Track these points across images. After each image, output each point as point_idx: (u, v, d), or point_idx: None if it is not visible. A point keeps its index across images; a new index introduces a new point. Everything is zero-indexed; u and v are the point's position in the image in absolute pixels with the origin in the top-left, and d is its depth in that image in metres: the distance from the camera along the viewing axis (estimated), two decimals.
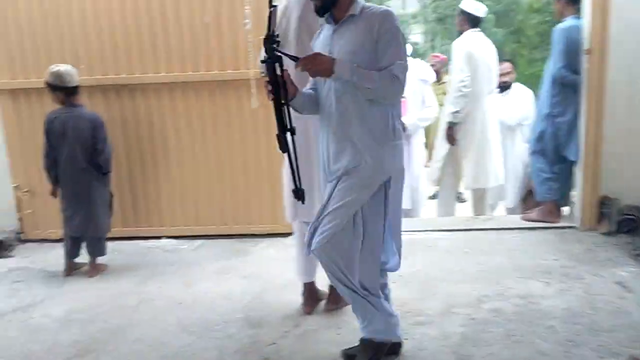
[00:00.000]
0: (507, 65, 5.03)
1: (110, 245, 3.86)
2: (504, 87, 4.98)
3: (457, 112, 4.45)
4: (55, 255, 3.91)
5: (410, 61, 3.61)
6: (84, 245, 3.76)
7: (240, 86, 4.10)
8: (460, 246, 3.86)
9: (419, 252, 3.74)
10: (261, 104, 4.02)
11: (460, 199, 6.07)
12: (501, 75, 4.82)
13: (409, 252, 3.06)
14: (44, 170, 3.72)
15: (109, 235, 3.84)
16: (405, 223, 2.86)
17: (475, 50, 4.46)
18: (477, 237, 4.06)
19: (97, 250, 3.75)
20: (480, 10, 4.56)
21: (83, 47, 4.14)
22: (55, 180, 3.71)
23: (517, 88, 5.13)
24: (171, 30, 4.09)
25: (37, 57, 4.16)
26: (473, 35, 4.52)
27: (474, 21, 4.55)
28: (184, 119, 4.23)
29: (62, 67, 3.62)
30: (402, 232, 2.43)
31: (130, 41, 4.12)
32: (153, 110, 4.23)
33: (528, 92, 5.09)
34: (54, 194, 3.76)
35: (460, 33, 4.61)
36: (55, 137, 3.63)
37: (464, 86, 4.37)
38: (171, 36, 4.10)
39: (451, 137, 4.57)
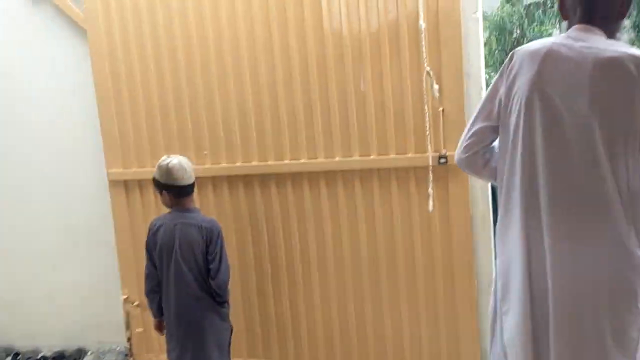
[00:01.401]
0: None
1: None
2: None
3: None
4: None
5: None
6: None
7: (411, 176, 2.95)
8: None
9: None
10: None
11: None
12: None
13: None
14: (145, 297, 2.80)
15: None
16: None
17: None
18: None
19: None
20: None
21: (209, 131, 3.26)
22: (158, 311, 2.76)
23: None
24: (330, 104, 3.04)
25: (154, 142, 3.35)
26: None
27: None
28: (341, 217, 3.11)
29: (175, 160, 2.71)
30: None
31: (275, 119, 3.15)
32: (302, 205, 3.16)
33: None
34: (158, 328, 2.81)
35: None
36: (159, 252, 2.70)
37: None
38: (332, 112, 3.05)
39: None
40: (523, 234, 1.72)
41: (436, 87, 2.78)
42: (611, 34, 1.69)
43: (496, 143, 1.86)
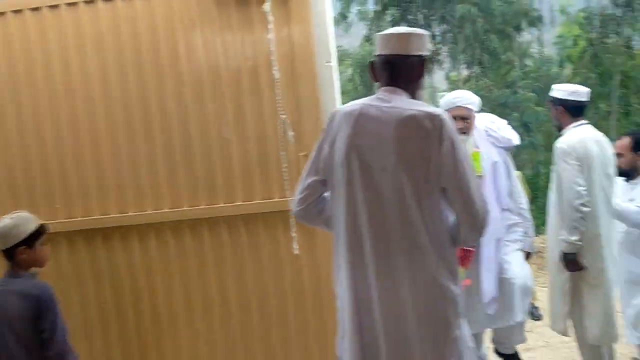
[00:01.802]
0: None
1: None
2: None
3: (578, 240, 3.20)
4: None
5: None
6: None
7: (275, 221, 2.97)
8: None
9: None
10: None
11: (535, 315, 4.80)
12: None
13: None
14: None
15: None
16: None
17: (591, 152, 3.24)
18: None
19: None
20: (578, 95, 3.33)
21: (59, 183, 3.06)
22: None
23: None
24: (193, 152, 3.01)
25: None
26: (581, 131, 3.30)
27: (575, 110, 3.35)
28: (197, 267, 3.05)
29: (7, 221, 2.47)
30: None
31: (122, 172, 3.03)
32: (148, 256, 3.05)
33: None
34: None
35: (558, 128, 3.43)
36: None
37: (583, 204, 3.14)
38: (179, 158, 3.01)
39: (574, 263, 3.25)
40: (349, 274, 1.90)
41: (291, 133, 2.86)
42: (413, 93, 1.94)
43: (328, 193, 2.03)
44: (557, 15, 17.28)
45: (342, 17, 14.24)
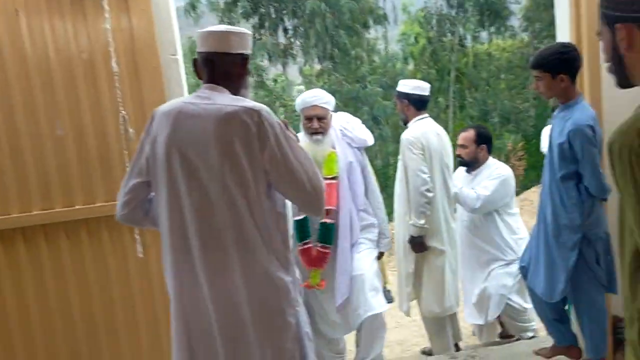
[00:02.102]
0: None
1: None
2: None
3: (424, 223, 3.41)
4: None
5: None
6: None
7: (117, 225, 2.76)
8: None
9: None
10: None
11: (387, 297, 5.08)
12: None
13: None
14: None
15: None
16: None
17: (432, 142, 3.47)
18: None
19: None
20: (421, 89, 3.57)
21: None
22: None
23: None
24: (24, 152, 2.70)
25: None
26: (423, 124, 3.53)
27: (419, 103, 3.57)
28: (45, 273, 2.77)
29: None
30: None
31: None
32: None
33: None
34: None
35: (404, 121, 3.63)
36: None
37: (428, 190, 3.37)
38: (27, 160, 2.70)
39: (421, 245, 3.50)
40: (175, 275, 1.89)
41: (132, 130, 2.70)
42: (236, 91, 1.92)
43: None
44: (400, 14, 18.41)
45: (191, 8, 13.84)
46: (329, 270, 3.06)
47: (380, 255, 3.35)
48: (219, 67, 1.90)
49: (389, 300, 5.08)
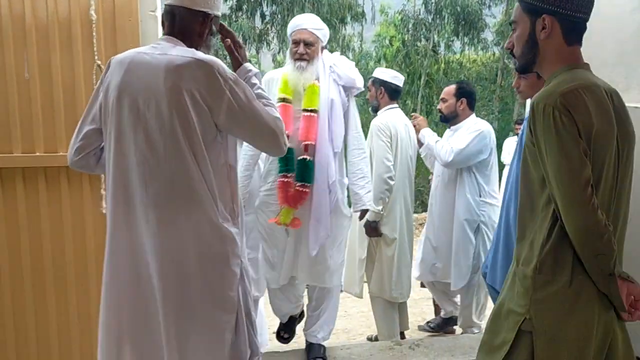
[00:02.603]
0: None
1: None
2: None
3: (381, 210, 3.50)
4: None
5: None
6: None
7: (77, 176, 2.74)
8: None
9: None
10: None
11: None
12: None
13: None
14: None
15: None
16: None
17: (399, 132, 3.58)
18: None
19: None
20: (398, 80, 3.71)
21: None
22: None
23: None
24: None
25: None
26: (393, 113, 3.65)
27: (393, 93, 3.70)
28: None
29: None
30: None
31: None
32: None
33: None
34: None
35: (375, 108, 3.72)
36: None
37: (390, 177, 3.45)
38: None
39: (375, 230, 3.58)
40: (112, 223, 1.90)
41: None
42: (194, 47, 1.92)
43: None
44: (378, 15, 18.55)
45: None
46: (305, 215, 2.82)
47: (362, 214, 3.19)
48: (179, 20, 1.92)
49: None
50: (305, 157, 2.78)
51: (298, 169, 2.79)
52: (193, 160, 1.82)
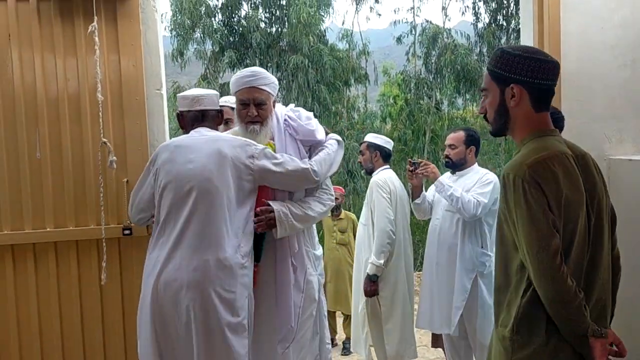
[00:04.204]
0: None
1: None
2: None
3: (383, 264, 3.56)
4: None
5: None
6: None
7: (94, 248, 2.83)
8: None
9: None
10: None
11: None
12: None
13: None
14: None
15: None
16: None
17: (397, 189, 3.73)
18: None
19: None
20: (390, 144, 3.94)
21: None
22: None
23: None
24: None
25: None
26: (389, 172, 3.83)
27: (387, 156, 3.93)
28: (8, 294, 2.77)
29: None
30: None
31: None
32: None
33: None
34: None
35: (369, 170, 3.86)
36: None
37: (392, 231, 3.55)
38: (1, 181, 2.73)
39: (373, 291, 3.60)
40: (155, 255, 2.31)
41: (114, 158, 2.77)
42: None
43: None
44: (380, 76, 19.02)
45: (179, 54, 14.13)
46: (264, 295, 2.41)
47: None
48: (205, 120, 2.48)
49: (347, 351, 5.14)
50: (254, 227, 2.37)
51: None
52: (225, 222, 2.30)
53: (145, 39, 2.89)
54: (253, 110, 2.43)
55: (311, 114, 2.67)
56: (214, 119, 2.53)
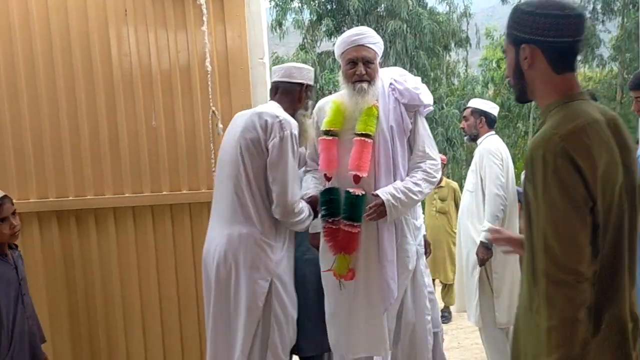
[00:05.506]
0: None
1: None
2: None
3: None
4: None
5: None
6: None
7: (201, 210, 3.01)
8: None
9: None
10: None
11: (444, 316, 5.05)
12: None
13: None
14: None
15: None
16: None
17: (506, 155, 3.64)
18: None
19: None
20: (496, 110, 3.81)
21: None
22: None
23: None
24: (120, 140, 3.00)
25: None
26: (498, 139, 3.70)
27: (492, 122, 3.78)
28: (130, 255, 3.05)
29: None
30: None
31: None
32: (88, 242, 3.02)
33: None
34: None
35: (473, 136, 3.76)
36: None
37: (504, 197, 3.49)
38: (122, 148, 3.00)
39: (485, 260, 3.55)
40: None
41: (221, 126, 2.91)
42: (293, 110, 2.47)
43: None
44: (483, 39, 18.23)
45: (277, 24, 14.35)
46: (371, 259, 2.44)
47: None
48: (282, 90, 2.48)
49: (446, 319, 5.11)
50: (352, 191, 2.40)
51: (345, 205, 2.42)
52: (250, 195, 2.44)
53: (249, 10, 2.98)
54: (361, 69, 2.40)
55: (419, 79, 2.62)
56: (289, 93, 2.46)
